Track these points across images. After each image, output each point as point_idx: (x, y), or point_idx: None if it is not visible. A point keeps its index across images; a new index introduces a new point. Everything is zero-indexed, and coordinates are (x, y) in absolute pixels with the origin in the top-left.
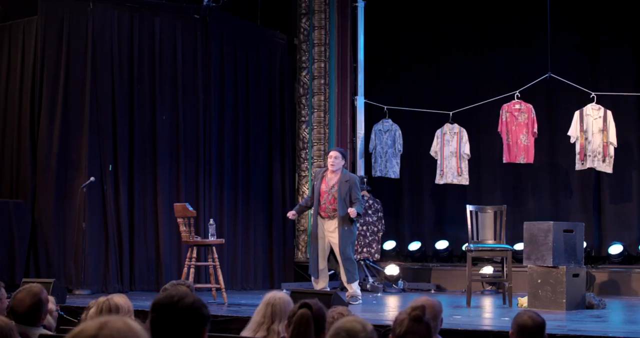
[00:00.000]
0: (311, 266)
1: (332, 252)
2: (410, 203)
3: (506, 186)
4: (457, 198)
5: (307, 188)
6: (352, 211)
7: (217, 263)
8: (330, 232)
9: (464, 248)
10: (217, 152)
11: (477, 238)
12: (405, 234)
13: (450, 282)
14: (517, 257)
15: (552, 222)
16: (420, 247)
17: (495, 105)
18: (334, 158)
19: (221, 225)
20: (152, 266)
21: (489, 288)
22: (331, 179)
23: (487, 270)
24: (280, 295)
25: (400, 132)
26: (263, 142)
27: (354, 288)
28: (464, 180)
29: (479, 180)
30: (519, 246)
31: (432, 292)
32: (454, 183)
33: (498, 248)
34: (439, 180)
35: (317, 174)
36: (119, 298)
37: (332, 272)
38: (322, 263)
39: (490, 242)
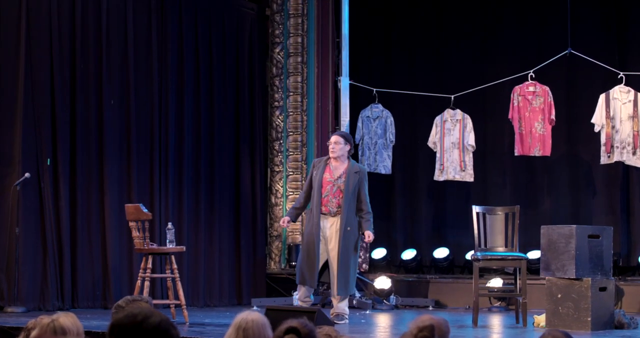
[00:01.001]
0: (300, 270)
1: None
2: (404, 204)
3: (518, 183)
4: (460, 197)
5: (281, 186)
6: (368, 235)
7: (177, 275)
8: (328, 233)
9: (468, 257)
10: (176, 143)
11: (485, 245)
12: (397, 240)
13: (451, 297)
14: (532, 267)
15: (574, 225)
16: (416, 256)
17: (505, 88)
18: (334, 143)
19: (180, 230)
20: (98, 279)
21: (497, 304)
22: (337, 168)
23: (496, 282)
24: (253, 317)
25: (392, 119)
26: (229, 131)
27: (343, 305)
28: (468, 176)
29: (485, 176)
30: (533, 254)
31: (430, 308)
32: (456, 180)
33: (510, 257)
34: (439, 177)
35: (318, 163)
36: (66, 319)
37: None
38: (315, 269)
39: (500, 250)
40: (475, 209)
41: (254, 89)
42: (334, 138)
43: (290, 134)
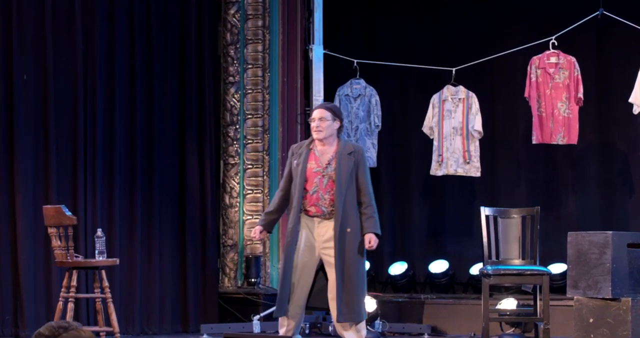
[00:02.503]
0: (281, 295)
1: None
2: (392, 205)
3: (537, 179)
4: (463, 197)
5: (237, 183)
6: (369, 239)
7: (108, 294)
8: (323, 242)
9: (473, 271)
10: (105, 131)
11: (497, 257)
12: (384, 251)
13: (452, 322)
14: (555, 285)
15: (610, 232)
16: (407, 271)
17: (519, 59)
18: (319, 119)
19: (112, 239)
20: (7, 299)
21: (510, 331)
22: (324, 153)
23: (509, 304)
24: None
25: (377, 98)
26: (172, 115)
27: (355, 335)
28: (474, 170)
29: (496, 170)
30: (557, 268)
31: (426, 336)
32: (458, 174)
33: (529, 272)
34: (437, 171)
35: (298, 149)
36: None
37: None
38: (303, 292)
39: (516, 263)
40: (485, 212)
41: (202, 61)
42: (317, 112)
43: (249, 117)
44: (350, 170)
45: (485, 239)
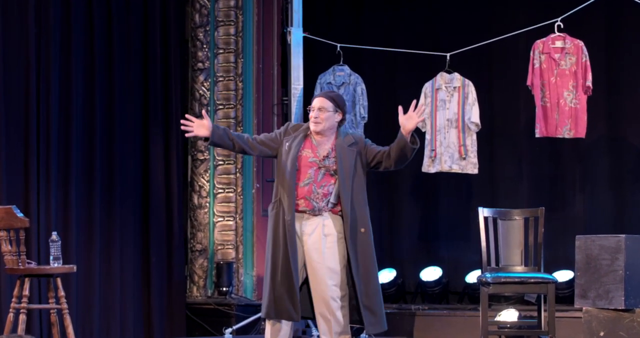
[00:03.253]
0: (267, 300)
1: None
2: (379, 206)
3: (541, 176)
4: (459, 196)
5: (207, 181)
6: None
7: (65, 305)
8: (309, 242)
9: (470, 279)
10: (60, 124)
11: (497, 263)
12: None
13: (445, 335)
14: (561, 294)
15: (623, 235)
16: (396, 278)
17: (521, 43)
18: (319, 109)
19: (68, 243)
20: None
21: None
22: (322, 144)
23: (510, 315)
24: None
25: (363, 86)
26: (135, 105)
27: None
28: (471, 166)
29: (495, 166)
30: (563, 276)
31: None
32: (453, 171)
33: (532, 280)
34: (429, 167)
35: (294, 130)
36: None
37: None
38: (294, 296)
39: (518, 270)
40: (483, 213)
41: (168, 46)
42: (317, 101)
43: (220, 107)
44: (354, 163)
45: (483, 243)
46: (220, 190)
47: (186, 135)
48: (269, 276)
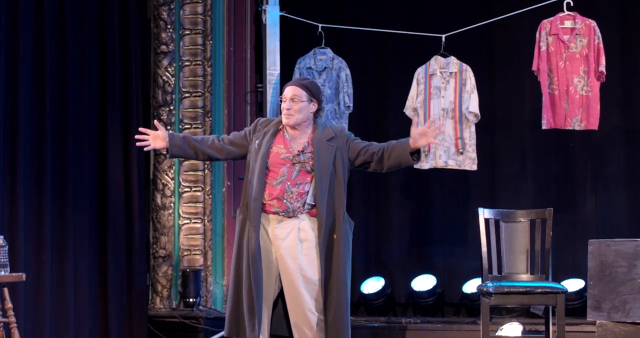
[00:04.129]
0: (228, 316)
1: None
2: (365, 206)
3: (547, 173)
4: (455, 195)
5: (172, 179)
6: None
7: (12, 318)
8: (282, 248)
9: (468, 289)
10: (6, 114)
11: (499, 271)
12: (355, 263)
13: None
14: (571, 305)
15: None
16: (384, 288)
17: (526, 23)
18: (291, 99)
19: (15, 249)
20: None
21: None
22: (296, 139)
23: (513, 330)
24: None
25: (348, 72)
26: (90, 93)
27: None
28: (469, 162)
29: (496, 162)
30: (572, 285)
31: None
32: (449, 167)
33: (539, 290)
34: (422, 163)
35: (264, 126)
36: None
37: None
38: (253, 314)
39: (523, 278)
40: (483, 214)
41: (127, 26)
42: (289, 90)
43: (186, 95)
44: (333, 160)
45: (484, 248)
46: (186, 189)
47: (145, 149)
48: (231, 290)
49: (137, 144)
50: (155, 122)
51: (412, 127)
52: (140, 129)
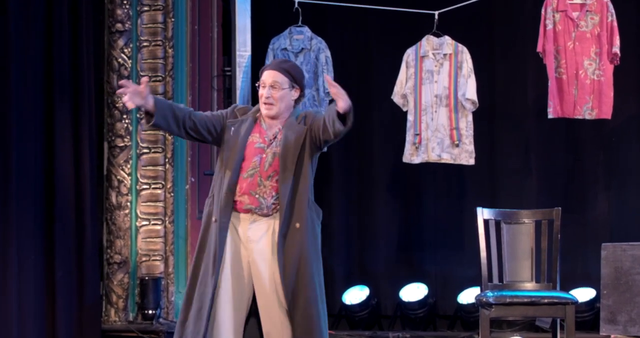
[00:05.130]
0: (185, 325)
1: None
2: (347, 206)
3: (554, 168)
4: (450, 194)
5: (129, 174)
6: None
7: None
8: (255, 251)
9: (464, 299)
10: None
11: (501, 279)
12: (335, 271)
13: None
14: (581, 318)
15: None
16: (369, 298)
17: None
18: (271, 86)
19: None
20: None
21: None
22: (272, 127)
23: None
24: None
25: (328, 54)
26: (34, 77)
27: None
28: (466, 155)
29: (496, 155)
30: (583, 294)
31: None
32: (443, 162)
33: (546, 300)
34: (412, 157)
35: (242, 113)
36: None
37: None
38: (201, 324)
39: (528, 287)
40: (483, 214)
41: (78, 1)
42: (268, 75)
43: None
44: (302, 141)
45: (483, 253)
46: (145, 186)
47: (127, 105)
48: (186, 293)
49: (120, 91)
50: (144, 79)
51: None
52: (121, 82)
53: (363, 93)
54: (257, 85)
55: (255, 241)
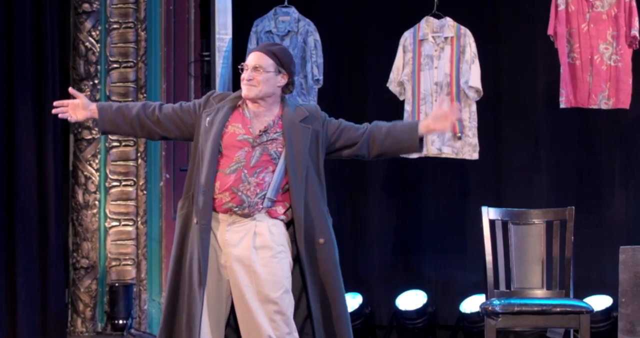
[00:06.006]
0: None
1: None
2: (339, 205)
3: (566, 164)
4: (452, 191)
5: (97, 170)
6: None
7: None
8: (234, 257)
9: (467, 308)
10: None
11: (508, 286)
12: None
13: None
14: (597, 328)
15: None
16: (362, 307)
17: None
18: (253, 69)
19: None
20: None
21: None
22: (259, 116)
23: None
24: None
25: (317, 37)
26: None
27: None
28: (469, 149)
29: (503, 150)
30: (598, 302)
31: None
32: (444, 156)
33: (558, 309)
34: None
35: (219, 101)
36: None
37: None
38: (215, 332)
39: (538, 294)
40: (488, 214)
41: None
42: (253, 57)
43: (115, 66)
44: (308, 145)
45: (488, 257)
46: (114, 183)
47: (69, 120)
48: (165, 303)
49: (57, 113)
50: (71, 89)
51: (437, 105)
52: (56, 103)
53: (356, 80)
54: (239, 67)
55: (233, 245)
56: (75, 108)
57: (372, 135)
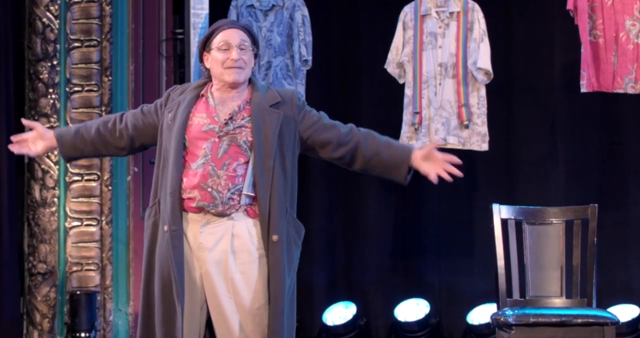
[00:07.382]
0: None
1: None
2: (329, 203)
3: (587, 157)
4: (458, 187)
5: (55, 163)
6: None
7: None
8: (210, 261)
9: (476, 319)
10: None
11: (523, 294)
12: (314, 282)
13: None
14: None
15: None
16: (356, 317)
17: None
18: (239, 49)
19: None
20: None
21: None
22: (226, 102)
23: None
24: None
25: (306, 12)
26: None
27: None
28: (478, 139)
29: (515, 140)
30: (624, 311)
31: None
32: (449, 147)
33: (580, 319)
34: (410, 140)
35: (179, 95)
36: None
37: None
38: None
39: (557, 304)
40: (500, 213)
41: None
42: (236, 35)
43: (76, 45)
44: (278, 132)
45: (500, 262)
46: (76, 178)
47: (32, 154)
48: (141, 320)
49: (15, 151)
50: (23, 120)
51: (424, 147)
52: (13, 138)
53: (349, 61)
54: (217, 48)
55: (208, 249)
56: (36, 140)
57: (358, 147)
